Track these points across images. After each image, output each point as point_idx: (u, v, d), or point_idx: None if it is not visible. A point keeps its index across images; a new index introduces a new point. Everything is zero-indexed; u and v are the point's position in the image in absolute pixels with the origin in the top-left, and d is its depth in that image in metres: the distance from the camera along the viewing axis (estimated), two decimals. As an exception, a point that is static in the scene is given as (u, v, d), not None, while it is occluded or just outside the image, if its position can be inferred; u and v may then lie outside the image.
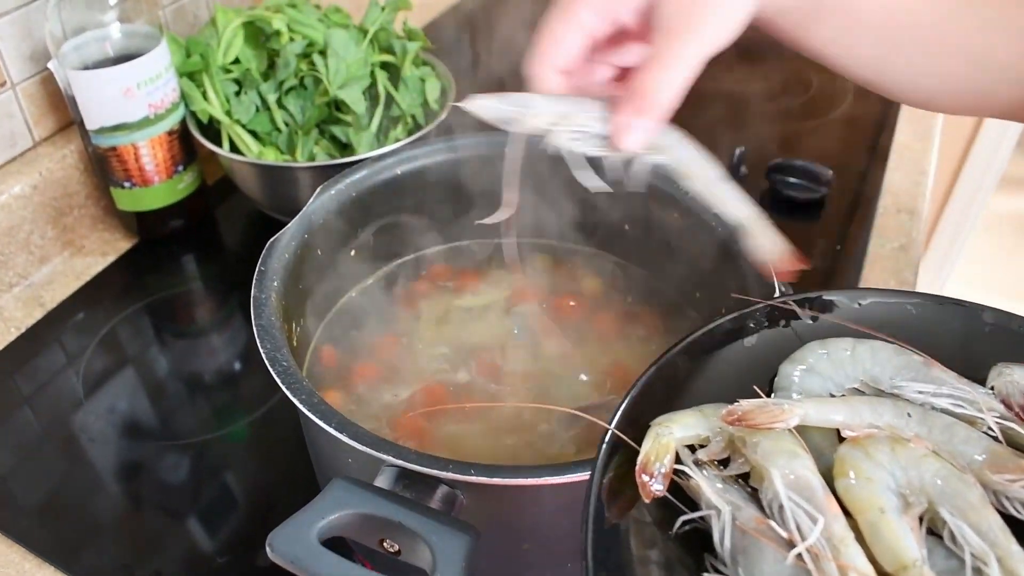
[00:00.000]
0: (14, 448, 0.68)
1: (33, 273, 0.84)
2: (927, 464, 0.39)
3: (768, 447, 0.39)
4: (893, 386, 0.43)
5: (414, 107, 0.84)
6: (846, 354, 0.44)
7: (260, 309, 0.52)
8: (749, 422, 0.40)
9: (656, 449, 0.40)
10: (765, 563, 0.36)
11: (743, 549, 0.37)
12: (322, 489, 0.44)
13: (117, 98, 0.76)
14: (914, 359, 0.44)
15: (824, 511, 0.37)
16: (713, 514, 0.38)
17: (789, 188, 0.91)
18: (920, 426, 0.41)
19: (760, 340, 0.46)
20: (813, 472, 0.39)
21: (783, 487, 0.38)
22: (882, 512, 0.37)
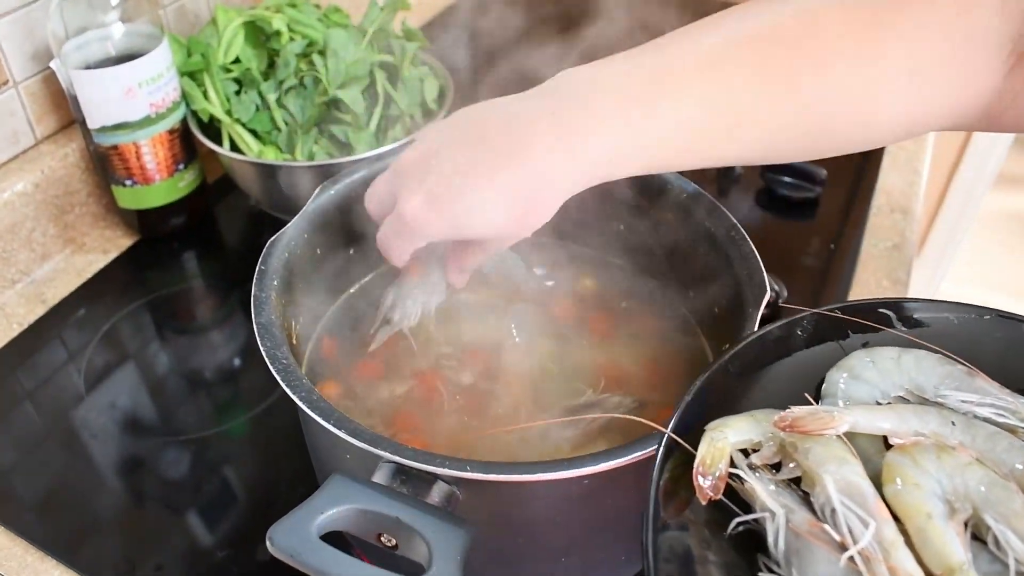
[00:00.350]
0: (16, 443, 0.69)
1: (35, 270, 0.85)
2: (971, 472, 0.40)
3: (819, 453, 0.41)
4: (937, 395, 0.45)
5: (412, 107, 0.85)
6: (892, 363, 0.46)
7: (260, 307, 0.53)
8: (800, 428, 0.42)
9: (711, 453, 0.41)
10: (819, 564, 0.38)
11: (796, 551, 0.39)
12: (321, 485, 0.45)
13: (119, 97, 0.77)
14: (958, 369, 0.45)
15: (875, 515, 0.38)
16: (767, 516, 0.40)
17: (784, 187, 0.92)
18: (964, 434, 0.42)
19: (808, 345, 0.47)
20: (863, 478, 0.40)
21: (835, 492, 0.39)
22: (929, 517, 0.38)
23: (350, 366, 0.62)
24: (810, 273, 0.84)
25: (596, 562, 0.55)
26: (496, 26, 1.21)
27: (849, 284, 0.82)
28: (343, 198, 0.63)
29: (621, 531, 0.54)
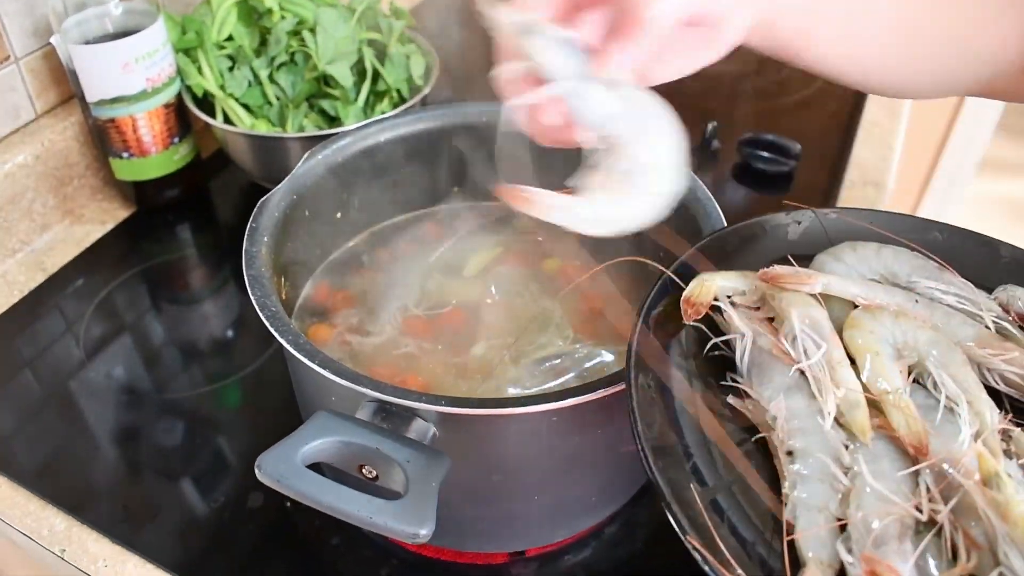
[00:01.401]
0: (15, 407, 0.72)
1: (35, 240, 0.88)
2: (923, 333, 0.47)
3: (792, 298, 0.48)
4: (909, 282, 0.51)
5: (399, 82, 0.88)
6: (872, 252, 0.53)
7: (251, 260, 0.56)
8: (780, 281, 0.49)
9: (699, 288, 0.49)
10: (775, 376, 0.45)
11: (759, 365, 0.46)
12: (307, 420, 0.48)
13: (116, 72, 0.80)
14: (931, 264, 0.52)
15: (828, 341, 0.46)
16: (738, 337, 0.48)
17: (759, 161, 0.95)
18: (924, 309, 0.49)
19: (801, 238, 0.54)
20: (824, 318, 0.47)
21: (798, 322, 0.46)
22: (877, 354, 0.45)
23: (335, 324, 0.65)
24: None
25: (568, 501, 0.58)
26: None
27: (819, 252, 0.85)
28: (330, 163, 0.66)
29: (592, 472, 0.57)
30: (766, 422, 0.44)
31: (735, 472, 0.43)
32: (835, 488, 0.41)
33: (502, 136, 0.49)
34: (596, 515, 0.62)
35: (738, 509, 0.41)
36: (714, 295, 0.49)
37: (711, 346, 0.48)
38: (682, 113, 1.04)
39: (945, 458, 0.41)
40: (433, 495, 0.45)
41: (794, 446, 0.43)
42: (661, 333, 0.48)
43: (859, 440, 0.43)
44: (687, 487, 0.41)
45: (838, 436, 0.43)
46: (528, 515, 0.58)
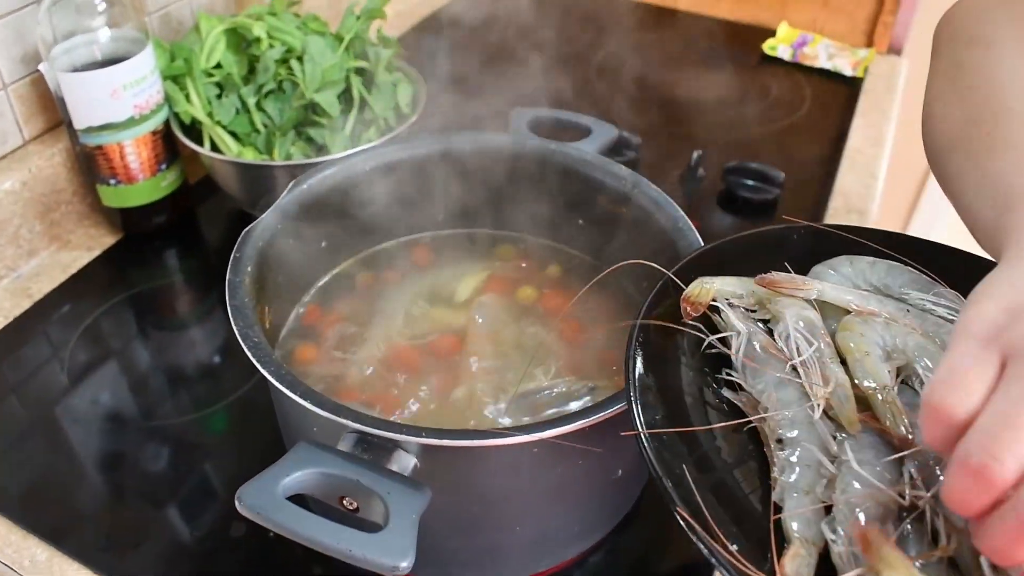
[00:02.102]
0: (0, 433, 0.72)
1: (21, 266, 0.88)
2: (912, 338, 0.48)
3: (787, 302, 0.50)
4: (901, 293, 0.53)
5: (386, 111, 0.89)
6: (867, 265, 0.54)
7: (234, 291, 0.56)
8: (777, 285, 0.51)
9: (699, 289, 0.51)
10: (768, 371, 0.47)
11: (753, 360, 0.48)
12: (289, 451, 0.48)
13: (104, 99, 0.80)
14: (923, 278, 0.53)
15: (819, 340, 0.48)
16: (734, 335, 0.49)
17: (744, 189, 0.96)
18: (915, 319, 0.50)
19: (798, 252, 0.56)
20: (818, 319, 0.49)
21: (792, 322, 0.49)
22: (867, 354, 0.47)
23: (319, 353, 0.66)
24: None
25: (550, 532, 0.58)
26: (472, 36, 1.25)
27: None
28: (316, 192, 0.66)
29: (574, 502, 0.57)
30: (758, 413, 0.47)
31: (727, 457, 0.45)
32: (821, 474, 0.43)
33: None
34: (580, 544, 0.62)
35: (729, 492, 0.44)
36: (712, 296, 0.51)
37: (707, 345, 0.50)
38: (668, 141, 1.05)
39: (928, 450, 0.42)
40: (413, 527, 0.45)
41: (784, 435, 0.45)
42: (660, 331, 0.50)
43: (847, 432, 0.44)
44: (680, 468, 0.43)
45: (827, 428, 0.45)
46: (511, 545, 0.57)
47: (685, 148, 1.01)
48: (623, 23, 1.36)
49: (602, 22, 1.37)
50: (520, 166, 0.70)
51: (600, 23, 1.37)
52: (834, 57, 1.22)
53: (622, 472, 0.58)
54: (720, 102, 1.14)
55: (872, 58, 1.23)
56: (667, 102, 1.15)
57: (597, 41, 1.31)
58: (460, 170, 0.71)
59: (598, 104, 1.15)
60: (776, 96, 1.16)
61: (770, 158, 1.02)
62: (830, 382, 0.45)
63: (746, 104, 1.14)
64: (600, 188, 0.68)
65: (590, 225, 0.71)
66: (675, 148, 1.02)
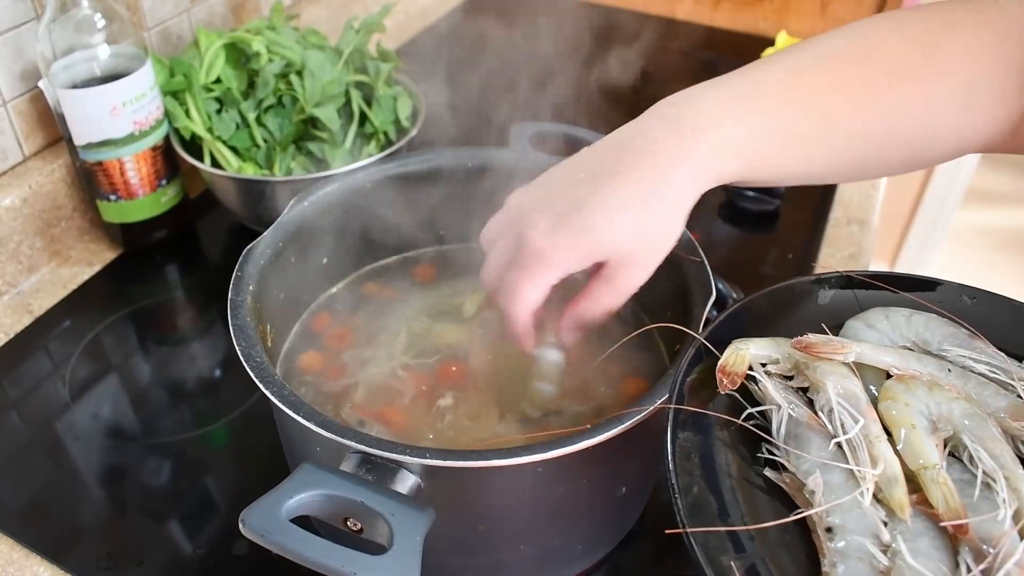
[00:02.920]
0: (1, 449, 0.72)
1: (22, 281, 0.87)
2: (957, 404, 0.47)
3: (826, 368, 0.48)
4: (940, 349, 0.51)
5: (386, 124, 0.89)
6: (903, 319, 0.53)
7: (236, 310, 0.56)
8: (814, 350, 0.49)
9: (734, 358, 0.49)
10: (811, 449, 0.45)
11: (795, 436, 0.46)
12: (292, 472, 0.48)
13: (104, 115, 0.80)
14: (962, 331, 0.52)
15: (865, 416, 0.46)
16: (774, 409, 0.48)
17: (744, 200, 0.96)
18: (957, 379, 0.49)
19: (831, 303, 0.55)
20: (860, 389, 0.48)
21: (834, 394, 0.47)
22: (913, 427, 0.46)
23: (321, 370, 0.65)
24: (769, 282, 0.88)
25: (553, 550, 0.58)
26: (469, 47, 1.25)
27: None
28: (316, 209, 0.66)
29: (577, 520, 0.57)
30: (803, 495, 0.45)
31: (771, 543, 0.43)
32: (875, 567, 0.41)
33: None
34: (583, 562, 0.61)
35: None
36: (748, 364, 0.49)
37: (746, 416, 0.48)
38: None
39: (984, 537, 0.41)
40: (417, 549, 0.45)
41: (833, 522, 0.43)
42: (695, 401, 0.48)
43: (898, 516, 0.43)
44: (722, 553, 0.41)
45: (877, 513, 0.43)
46: (515, 564, 0.57)
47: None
48: (622, 33, 1.37)
49: (601, 32, 1.37)
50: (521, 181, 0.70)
51: (598, 33, 1.37)
52: (833, 67, 1.22)
53: (626, 490, 0.58)
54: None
55: (871, 67, 1.23)
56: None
57: (596, 51, 1.31)
58: (461, 185, 0.71)
59: (597, 115, 1.15)
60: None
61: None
62: (878, 463, 0.44)
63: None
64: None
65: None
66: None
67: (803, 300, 0.55)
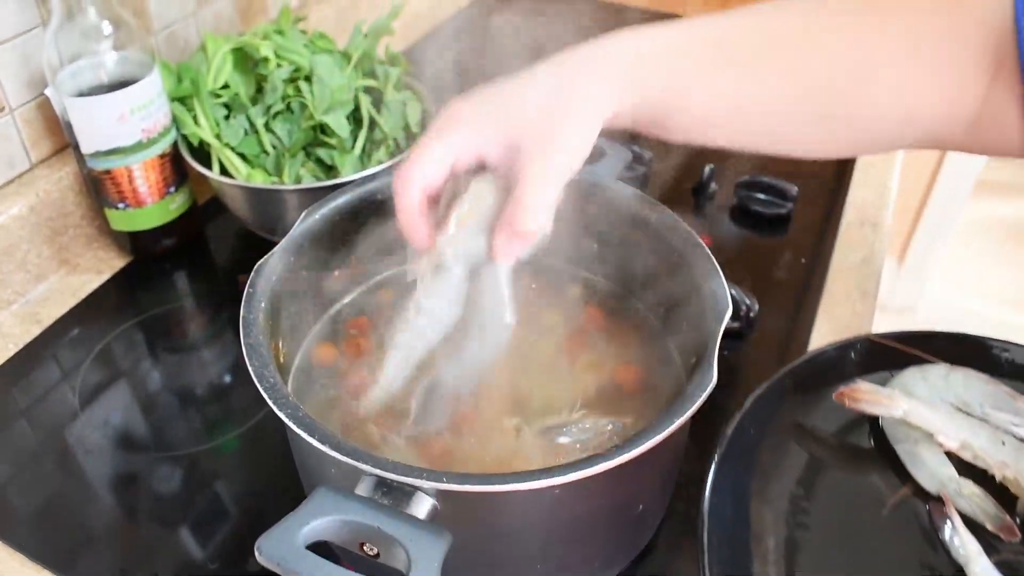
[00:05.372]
0: (11, 463, 0.71)
1: (30, 291, 0.87)
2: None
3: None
4: (983, 412, 0.51)
5: (396, 130, 0.88)
6: (941, 379, 0.52)
7: (248, 329, 0.55)
8: (858, 395, 0.50)
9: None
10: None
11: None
12: (307, 497, 0.47)
13: (112, 123, 0.79)
14: (1002, 390, 0.51)
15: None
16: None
17: (756, 204, 0.95)
18: (1009, 455, 0.48)
19: (861, 367, 0.55)
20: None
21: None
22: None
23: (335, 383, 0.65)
24: (782, 287, 0.87)
25: (570, 568, 0.57)
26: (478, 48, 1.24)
27: (819, 297, 0.85)
28: (326, 222, 0.65)
29: (594, 538, 0.57)
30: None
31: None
32: None
33: None
34: (600, 577, 0.61)
35: None
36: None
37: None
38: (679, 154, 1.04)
39: None
40: (436, 574, 0.45)
41: None
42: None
43: None
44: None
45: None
46: (531, 582, 0.57)
47: (696, 161, 1.00)
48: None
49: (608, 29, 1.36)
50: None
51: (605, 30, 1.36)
52: (845, 64, 1.21)
53: (642, 507, 0.58)
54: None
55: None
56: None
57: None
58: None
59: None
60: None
61: (782, 169, 1.01)
62: None
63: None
64: (616, 212, 0.67)
65: (606, 249, 0.70)
66: (686, 161, 1.01)
67: (830, 370, 0.55)
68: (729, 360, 0.78)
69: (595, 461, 0.47)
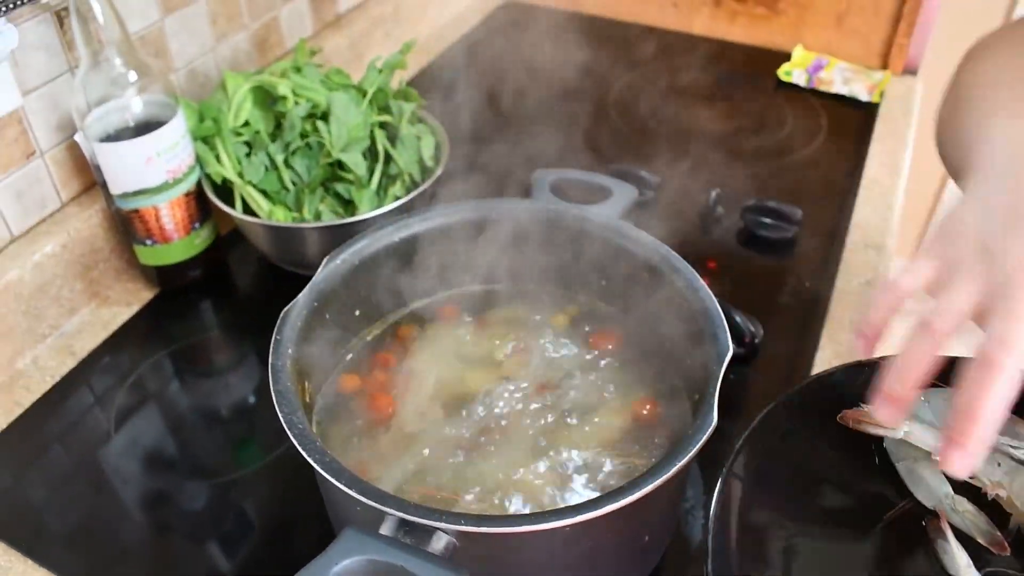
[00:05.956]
0: (48, 483, 0.76)
1: (64, 324, 0.91)
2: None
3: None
4: None
5: (411, 165, 0.91)
6: (944, 403, 0.55)
7: (277, 375, 0.59)
8: (862, 418, 0.54)
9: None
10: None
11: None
12: (334, 531, 0.51)
13: (139, 166, 0.83)
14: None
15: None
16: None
17: (762, 228, 0.98)
18: (1005, 476, 0.52)
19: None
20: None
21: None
22: None
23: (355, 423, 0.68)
24: (786, 311, 0.90)
25: (583, 597, 0.60)
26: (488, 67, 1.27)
27: (823, 322, 0.88)
28: (347, 267, 0.69)
29: (603, 568, 0.60)
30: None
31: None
32: None
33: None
34: (610, 603, 0.64)
35: None
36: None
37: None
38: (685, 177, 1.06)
39: None
40: (456, 612, 0.48)
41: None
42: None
43: None
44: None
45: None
46: (545, 609, 0.60)
47: (703, 184, 1.03)
48: (636, 48, 1.38)
49: (615, 47, 1.39)
50: (542, 230, 0.73)
51: (613, 48, 1.38)
52: (850, 81, 1.23)
53: (648, 538, 0.61)
54: (737, 133, 1.15)
55: (888, 81, 1.24)
56: (685, 134, 1.16)
57: (611, 67, 1.33)
58: (485, 236, 0.73)
59: (614, 137, 1.17)
60: (792, 126, 1.18)
61: (787, 191, 1.04)
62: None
63: (763, 135, 1.16)
64: (621, 254, 0.70)
65: (611, 286, 0.73)
66: (693, 185, 1.04)
67: (833, 393, 0.58)
68: (734, 385, 0.80)
69: (602, 503, 0.51)
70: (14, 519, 0.73)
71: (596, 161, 1.10)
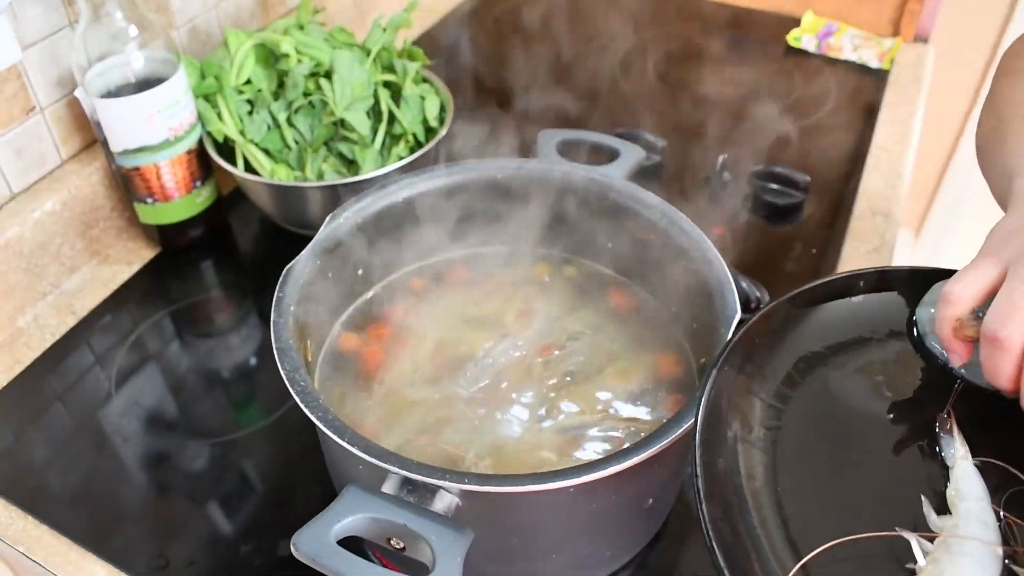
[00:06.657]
0: (50, 442, 0.76)
1: (64, 282, 0.90)
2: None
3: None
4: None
5: (415, 125, 0.90)
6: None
7: (279, 333, 0.58)
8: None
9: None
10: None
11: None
12: (336, 490, 0.50)
13: (140, 123, 0.82)
14: None
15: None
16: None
17: (769, 194, 0.97)
18: None
19: (866, 300, 0.56)
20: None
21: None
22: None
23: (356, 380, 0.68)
24: (793, 278, 0.89)
25: (584, 557, 0.60)
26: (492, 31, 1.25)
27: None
28: (350, 225, 0.68)
29: (607, 530, 0.60)
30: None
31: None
32: None
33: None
34: (613, 564, 0.64)
35: None
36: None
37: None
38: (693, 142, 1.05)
39: None
40: (458, 569, 0.48)
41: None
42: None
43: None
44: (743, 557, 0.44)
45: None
46: (547, 571, 0.60)
47: (710, 149, 1.02)
48: (645, 12, 1.36)
49: (623, 9, 1.37)
50: (547, 191, 0.72)
51: (621, 10, 1.36)
52: (859, 48, 1.22)
53: (652, 501, 0.60)
54: (745, 98, 1.14)
55: (899, 47, 1.22)
56: (692, 98, 1.15)
57: (619, 30, 1.31)
58: (489, 195, 0.72)
59: (620, 100, 1.16)
60: (801, 91, 1.16)
61: (795, 158, 1.03)
62: None
63: (771, 101, 1.14)
64: (628, 215, 0.69)
65: (618, 248, 0.73)
66: (700, 150, 1.03)
67: (839, 294, 0.58)
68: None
69: (607, 463, 0.50)
70: (15, 476, 0.73)
71: (603, 124, 1.09)
